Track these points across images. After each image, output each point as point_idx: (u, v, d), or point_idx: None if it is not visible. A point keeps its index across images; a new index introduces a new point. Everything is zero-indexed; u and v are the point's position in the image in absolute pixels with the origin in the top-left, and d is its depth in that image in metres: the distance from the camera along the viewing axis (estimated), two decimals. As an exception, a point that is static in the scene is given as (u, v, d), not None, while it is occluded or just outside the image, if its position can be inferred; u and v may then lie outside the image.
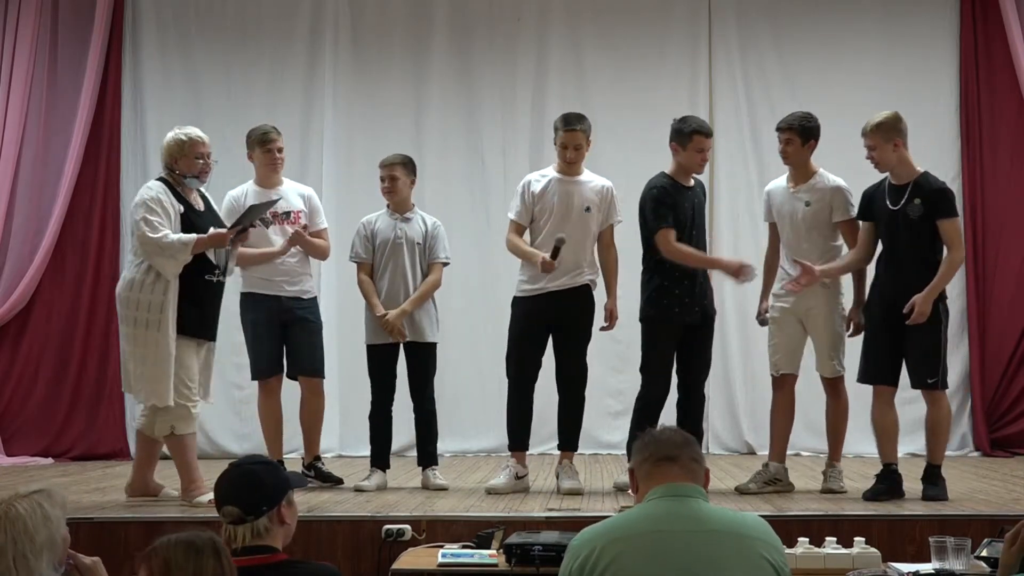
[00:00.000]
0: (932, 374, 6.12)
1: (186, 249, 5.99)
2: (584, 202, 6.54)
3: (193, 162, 6.17)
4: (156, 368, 5.97)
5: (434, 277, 6.80)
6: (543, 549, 4.73)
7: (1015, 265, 8.80)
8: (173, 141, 6.21)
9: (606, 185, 6.64)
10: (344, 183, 8.88)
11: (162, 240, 5.97)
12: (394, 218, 6.84)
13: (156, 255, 5.99)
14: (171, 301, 5.99)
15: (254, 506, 3.19)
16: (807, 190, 6.43)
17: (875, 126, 6.17)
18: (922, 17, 9.04)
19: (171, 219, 6.05)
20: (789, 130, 6.44)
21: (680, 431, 3.23)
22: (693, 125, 6.44)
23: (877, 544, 5.00)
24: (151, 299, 5.99)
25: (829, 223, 6.43)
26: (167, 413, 6.03)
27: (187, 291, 6.05)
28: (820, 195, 6.41)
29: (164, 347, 5.96)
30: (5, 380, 8.89)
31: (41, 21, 8.97)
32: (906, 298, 6.12)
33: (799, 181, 6.47)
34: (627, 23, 9.17)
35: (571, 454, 6.64)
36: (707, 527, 3.02)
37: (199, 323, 6.13)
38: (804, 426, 8.81)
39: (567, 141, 6.48)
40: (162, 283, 6.00)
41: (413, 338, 6.77)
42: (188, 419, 6.07)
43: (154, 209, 6.02)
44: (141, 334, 5.99)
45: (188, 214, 6.13)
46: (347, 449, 8.62)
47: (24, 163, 8.91)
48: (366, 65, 9.18)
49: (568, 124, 6.50)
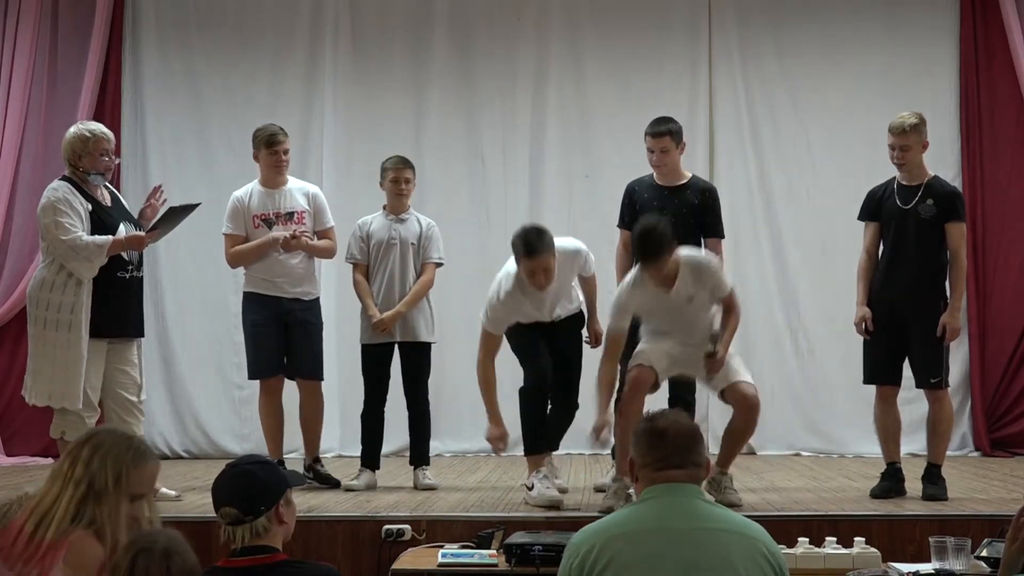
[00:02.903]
0: (936, 373, 6.15)
1: (101, 252, 5.94)
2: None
3: (97, 159, 6.10)
4: (67, 370, 5.92)
5: (426, 277, 6.83)
6: (543, 549, 4.74)
7: (1015, 265, 8.79)
8: (76, 137, 6.11)
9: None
10: (344, 183, 8.88)
11: (76, 242, 5.90)
12: (389, 219, 6.86)
13: (70, 258, 5.92)
14: (84, 302, 5.94)
15: (252, 506, 3.18)
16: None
17: (912, 127, 6.17)
18: (922, 17, 9.03)
19: (81, 218, 5.97)
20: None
21: (687, 424, 3.20)
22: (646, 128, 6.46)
23: (877, 544, 5.01)
24: (62, 299, 5.94)
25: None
26: (63, 417, 6.00)
27: (99, 291, 5.99)
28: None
29: (76, 349, 5.92)
30: (5, 380, 8.88)
31: (41, 21, 8.96)
32: (909, 298, 6.15)
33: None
34: (627, 23, 9.16)
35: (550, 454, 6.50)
36: (708, 525, 3.02)
37: (112, 322, 6.07)
38: (804, 426, 8.86)
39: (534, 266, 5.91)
40: (74, 283, 5.95)
41: (407, 338, 6.79)
42: (80, 427, 5.88)
43: (63, 211, 5.94)
44: (52, 335, 5.96)
45: (96, 211, 6.07)
46: (347, 449, 8.61)
47: (24, 163, 8.90)
48: (366, 65, 9.18)
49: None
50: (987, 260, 8.79)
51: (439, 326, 7.20)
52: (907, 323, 6.18)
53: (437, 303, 7.12)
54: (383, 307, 6.75)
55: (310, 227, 6.84)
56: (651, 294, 5.78)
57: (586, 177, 9.01)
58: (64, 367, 5.92)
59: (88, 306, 5.94)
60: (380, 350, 6.81)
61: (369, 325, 6.77)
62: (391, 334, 6.75)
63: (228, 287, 7.99)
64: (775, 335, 8.88)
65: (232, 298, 7.59)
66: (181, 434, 8.93)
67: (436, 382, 7.74)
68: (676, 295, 5.77)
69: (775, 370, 8.78)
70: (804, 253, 8.94)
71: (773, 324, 8.88)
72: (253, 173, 6.97)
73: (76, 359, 5.91)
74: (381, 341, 6.78)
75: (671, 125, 6.42)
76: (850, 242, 6.85)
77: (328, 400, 7.21)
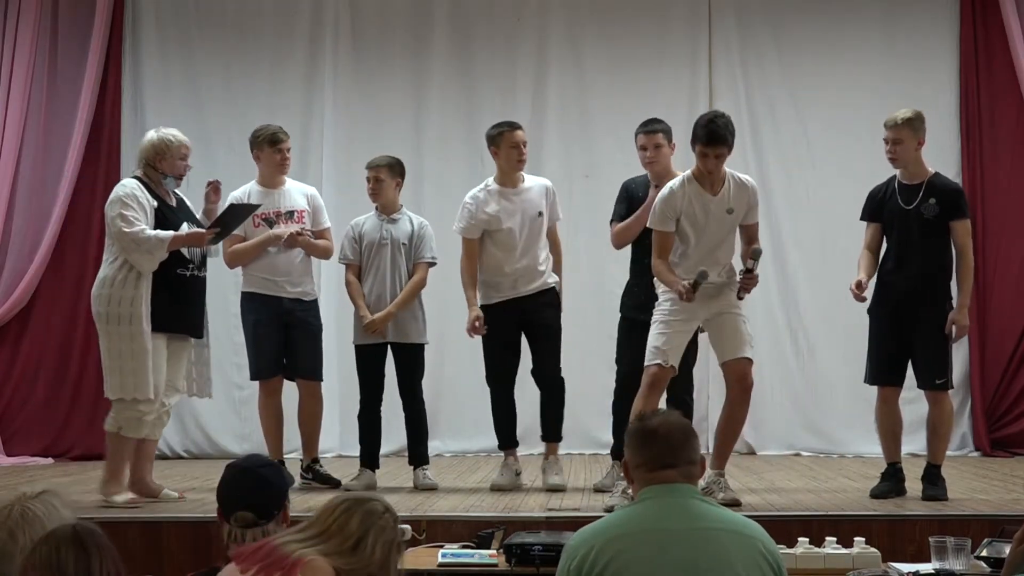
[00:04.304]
0: (941, 374, 6.14)
1: (162, 245, 6.02)
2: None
3: (176, 163, 6.22)
4: (134, 361, 5.97)
5: (418, 277, 6.83)
6: (543, 549, 4.74)
7: (1015, 265, 8.79)
8: (159, 140, 6.23)
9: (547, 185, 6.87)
10: (344, 183, 8.87)
11: (139, 235, 5.99)
12: (381, 219, 6.88)
13: (132, 250, 6.01)
14: (144, 296, 6.01)
15: (266, 509, 3.19)
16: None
17: (906, 120, 6.16)
18: (922, 17, 9.03)
19: (147, 214, 6.07)
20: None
21: (678, 422, 3.19)
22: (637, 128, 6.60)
23: (877, 544, 5.00)
24: (123, 293, 6.01)
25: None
26: (122, 412, 6.03)
27: (159, 286, 6.06)
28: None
29: (139, 340, 5.98)
30: (5, 380, 8.89)
31: (41, 21, 8.96)
32: (913, 298, 6.14)
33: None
34: (627, 23, 9.16)
35: (556, 446, 6.76)
36: (706, 525, 3.02)
37: (173, 318, 6.12)
38: (804, 426, 8.86)
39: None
40: (134, 277, 6.02)
41: (399, 339, 6.80)
42: (138, 427, 6.04)
43: (129, 204, 6.04)
44: (115, 329, 6.01)
45: (162, 209, 6.16)
46: (347, 449, 8.61)
47: (24, 163, 8.90)
48: (366, 65, 9.18)
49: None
50: (987, 260, 8.78)
51: (439, 326, 7.21)
52: (911, 324, 6.17)
53: (436, 303, 7.13)
54: (375, 307, 6.76)
55: (309, 227, 6.85)
56: (697, 194, 5.86)
57: (586, 177, 9.00)
58: (131, 358, 5.99)
59: (147, 299, 6.01)
60: (373, 350, 6.83)
61: (361, 326, 6.79)
62: (383, 334, 6.76)
63: (228, 287, 7.98)
64: (775, 335, 8.87)
65: (232, 298, 7.58)
66: (181, 434, 8.93)
67: (436, 382, 7.75)
68: (720, 201, 5.87)
69: (775, 370, 8.78)
70: (804, 253, 8.94)
71: (773, 324, 8.88)
72: (253, 173, 6.97)
73: (140, 350, 5.98)
74: (373, 342, 6.80)
75: (663, 124, 6.54)
76: (850, 242, 6.85)
77: (328, 400, 7.22)
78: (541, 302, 6.74)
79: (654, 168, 6.50)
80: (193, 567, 4.18)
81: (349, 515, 2.88)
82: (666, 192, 5.91)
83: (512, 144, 6.71)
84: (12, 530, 2.89)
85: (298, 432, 6.99)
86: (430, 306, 7.05)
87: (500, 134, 6.74)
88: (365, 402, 6.88)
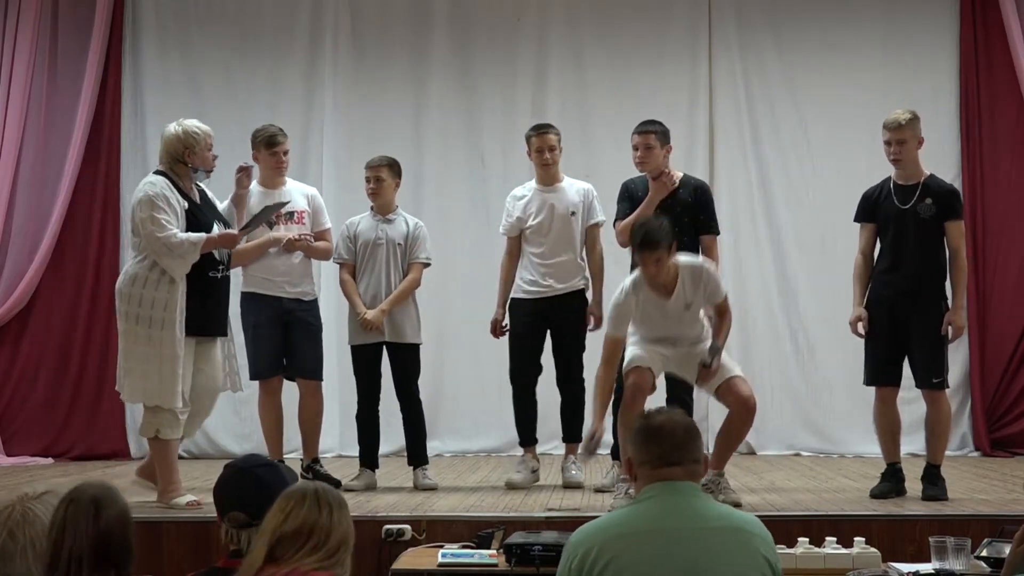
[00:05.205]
0: (938, 374, 6.16)
1: (195, 249, 5.86)
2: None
3: (206, 156, 6.05)
4: (162, 367, 5.82)
5: (413, 276, 6.83)
6: (543, 549, 4.74)
7: (1015, 265, 8.79)
8: (184, 133, 6.02)
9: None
10: (344, 183, 8.87)
11: (171, 240, 5.81)
12: (377, 219, 6.88)
13: (164, 255, 5.83)
14: (179, 300, 5.84)
15: (260, 510, 3.18)
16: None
17: (908, 121, 6.19)
18: (922, 17, 9.03)
19: (178, 216, 5.90)
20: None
21: (683, 420, 3.19)
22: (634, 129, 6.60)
23: (877, 544, 5.01)
24: (155, 296, 5.83)
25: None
26: (155, 415, 5.91)
27: (192, 289, 5.91)
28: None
29: (171, 347, 5.82)
30: (5, 380, 8.89)
31: (41, 21, 8.96)
32: (909, 298, 6.15)
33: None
34: (627, 23, 9.16)
35: (575, 446, 6.77)
36: (707, 524, 3.02)
37: (205, 321, 6.02)
38: (804, 426, 8.86)
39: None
40: (167, 280, 5.85)
41: (394, 339, 6.81)
42: (175, 424, 5.94)
43: (160, 207, 5.85)
44: (144, 331, 5.84)
45: (192, 210, 6.01)
46: (347, 449, 8.61)
47: (24, 163, 8.90)
48: (366, 65, 9.18)
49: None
50: (987, 260, 8.79)
51: (437, 326, 7.21)
52: (907, 324, 6.18)
53: (436, 303, 7.14)
54: (370, 307, 6.76)
55: (309, 227, 6.84)
56: (651, 301, 5.76)
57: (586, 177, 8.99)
58: (159, 364, 5.81)
59: (182, 305, 5.84)
60: (369, 350, 6.83)
61: (357, 325, 6.79)
62: (379, 333, 6.76)
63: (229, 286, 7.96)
64: (775, 335, 8.87)
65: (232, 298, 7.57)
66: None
67: (436, 383, 7.75)
68: (675, 302, 5.75)
69: (775, 370, 8.78)
70: (804, 253, 8.94)
71: (773, 324, 8.88)
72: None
73: (171, 356, 5.80)
74: (369, 341, 6.80)
75: (658, 126, 6.53)
76: (850, 242, 6.84)
77: (328, 400, 7.21)
78: (570, 303, 6.77)
79: (644, 169, 6.52)
80: (193, 567, 4.18)
81: (314, 508, 2.90)
82: (620, 298, 5.78)
83: (536, 148, 6.87)
84: (12, 530, 2.89)
85: (298, 432, 6.99)
86: (428, 307, 7.06)
87: (528, 137, 6.94)
88: (362, 402, 6.88)
